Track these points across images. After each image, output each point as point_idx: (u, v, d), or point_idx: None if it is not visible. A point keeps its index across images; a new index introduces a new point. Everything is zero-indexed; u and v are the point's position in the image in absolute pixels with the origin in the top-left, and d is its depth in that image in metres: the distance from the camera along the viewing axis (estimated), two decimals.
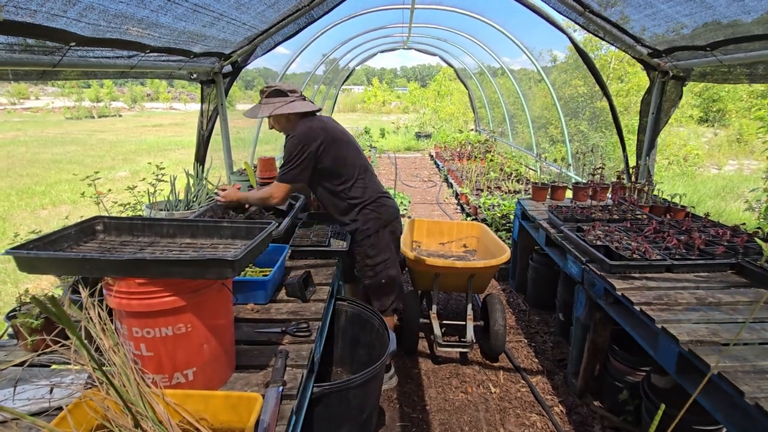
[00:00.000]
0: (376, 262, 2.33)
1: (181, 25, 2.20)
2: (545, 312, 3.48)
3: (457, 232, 3.56)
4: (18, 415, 0.73)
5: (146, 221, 1.39)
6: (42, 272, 1.10)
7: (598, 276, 2.10)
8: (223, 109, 3.41)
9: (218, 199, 2.31)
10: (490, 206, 5.07)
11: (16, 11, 1.39)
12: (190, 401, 1.07)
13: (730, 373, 1.33)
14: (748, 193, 6.55)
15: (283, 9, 2.80)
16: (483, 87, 11.18)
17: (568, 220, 2.76)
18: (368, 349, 2.03)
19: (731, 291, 1.90)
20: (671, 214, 2.95)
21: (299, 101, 2.17)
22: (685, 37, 2.64)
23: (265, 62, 7.27)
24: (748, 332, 1.55)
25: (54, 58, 1.79)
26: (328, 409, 1.53)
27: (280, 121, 2.22)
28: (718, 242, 2.25)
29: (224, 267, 1.06)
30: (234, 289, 1.70)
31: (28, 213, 6.79)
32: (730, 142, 12.30)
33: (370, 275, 2.35)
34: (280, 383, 1.21)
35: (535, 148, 7.85)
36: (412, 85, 23.36)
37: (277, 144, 7.68)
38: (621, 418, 2.26)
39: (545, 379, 2.69)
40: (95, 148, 13.63)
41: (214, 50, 2.91)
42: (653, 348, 1.72)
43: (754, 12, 2.06)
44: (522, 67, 8.24)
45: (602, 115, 8.53)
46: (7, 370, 1.30)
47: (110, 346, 1.03)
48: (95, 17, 1.68)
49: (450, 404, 2.47)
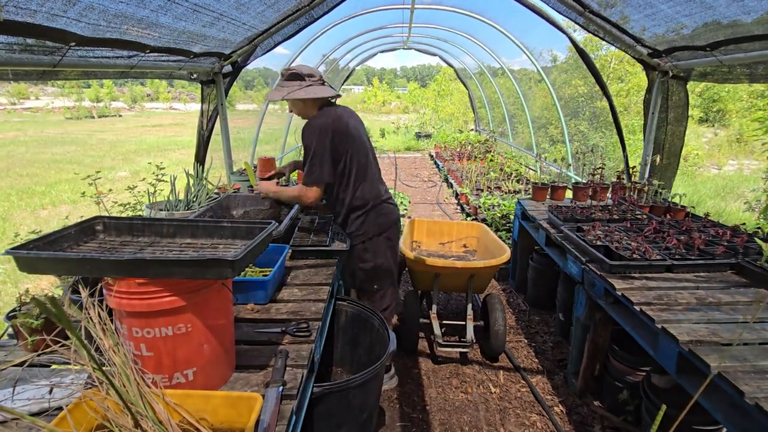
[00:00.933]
0: (368, 267, 2.29)
1: (181, 25, 2.20)
2: (545, 312, 3.48)
3: (457, 232, 3.56)
4: (18, 415, 0.73)
5: (146, 221, 1.39)
6: (42, 272, 1.10)
7: (598, 276, 2.10)
8: (223, 109, 3.41)
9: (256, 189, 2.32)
10: (490, 206, 5.07)
11: (16, 11, 1.39)
12: (190, 401, 1.06)
13: (730, 373, 1.33)
14: (748, 193, 6.56)
15: (283, 9, 2.81)
16: (483, 87, 11.18)
17: (568, 220, 2.76)
18: (368, 349, 2.03)
19: (731, 291, 1.90)
20: (671, 214, 2.95)
21: (316, 86, 2.10)
22: (685, 37, 2.64)
23: (265, 62, 7.29)
24: (748, 332, 1.55)
25: (54, 58, 1.79)
26: (329, 409, 1.53)
27: (297, 105, 2.17)
28: (718, 242, 2.25)
29: (224, 267, 1.06)
30: (234, 288, 1.70)
31: (28, 213, 6.79)
32: (730, 142, 12.30)
33: (362, 279, 2.32)
34: (280, 383, 1.21)
35: (535, 148, 7.85)
36: (412, 85, 23.37)
37: (276, 144, 7.68)
38: (621, 418, 2.26)
39: (545, 379, 2.69)
40: (95, 148, 13.64)
41: (214, 50, 2.91)
42: (653, 348, 1.72)
43: (754, 12, 2.06)
44: (522, 67, 8.24)
45: (602, 115, 8.53)
46: (7, 370, 1.29)
47: (110, 346, 1.03)
48: (95, 17, 1.68)
49: (450, 404, 2.47)
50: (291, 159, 8.47)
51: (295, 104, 2.17)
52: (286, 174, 2.55)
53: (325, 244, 2.26)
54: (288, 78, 2.10)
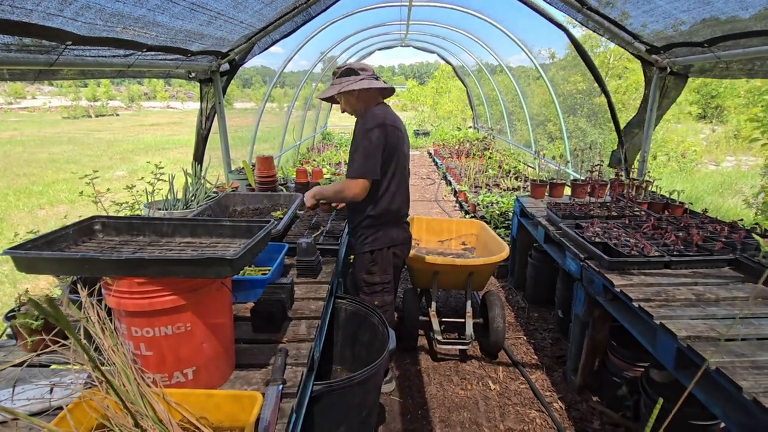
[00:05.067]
0: (374, 281, 2.20)
1: (178, 24, 2.19)
2: (544, 309, 3.49)
3: (456, 230, 3.57)
4: (18, 415, 0.73)
5: (145, 220, 1.39)
6: (40, 272, 1.10)
7: (597, 273, 2.11)
8: (221, 108, 3.40)
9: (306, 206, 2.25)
10: (489, 204, 5.07)
11: (12, 10, 1.38)
12: (190, 400, 1.07)
13: (729, 369, 1.34)
14: (746, 190, 6.57)
15: (281, 7, 2.80)
16: (481, 84, 11.17)
17: (567, 217, 2.76)
18: (368, 346, 2.03)
19: (729, 287, 1.91)
20: (669, 211, 2.96)
21: (369, 79, 2.03)
22: (684, 33, 2.64)
23: (263, 60, 7.28)
24: (747, 327, 1.56)
25: (50, 58, 1.78)
26: (329, 407, 1.53)
27: (350, 102, 2.08)
28: (716, 238, 2.25)
29: (223, 266, 1.06)
30: (233, 287, 1.70)
31: (25, 213, 6.77)
32: (728, 139, 12.32)
33: (366, 292, 2.24)
34: (279, 382, 1.22)
35: (534, 145, 7.85)
36: (410, 83, 23.28)
37: (275, 142, 7.67)
38: (620, 414, 2.27)
39: (544, 376, 2.70)
40: (92, 148, 13.59)
41: (211, 48, 2.90)
42: (652, 344, 1.72)
43: (751, 8, 2.06)
44: (520, 64, 8.23)
45: (601, 112, 8.53)
46: (6, 370, 1.29)
47: (110, 345, 1.03)
48: (91, 16, 1.67)
49: (449, 401, 2.48)
50: (290, 157, 8.46)
51: (348, 101, 2.08)
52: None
53: (324, 242, 2.26)
54: (341, 75, 2.06)
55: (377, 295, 2.22)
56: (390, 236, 2.18)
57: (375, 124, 1.98)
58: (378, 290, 2.22)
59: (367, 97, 2.08)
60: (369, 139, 1.96)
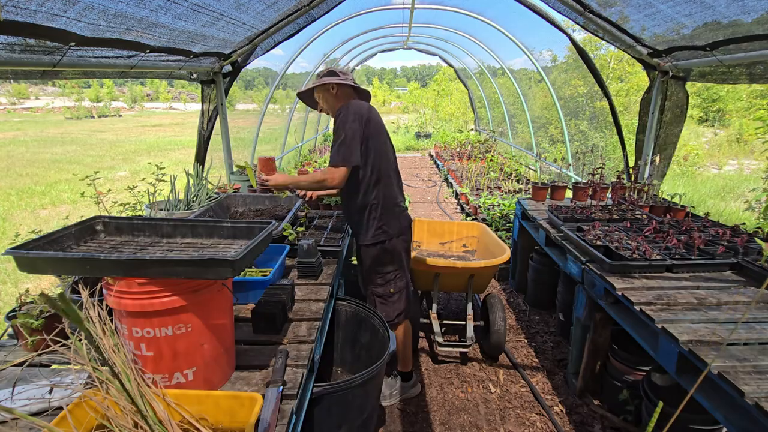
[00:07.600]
0: (387, 271, 2.22)
1: (180, 25, 2.20)
2: (545, 312, 3.48)
3: (457, 232, 3.56)
4: (18, 415, 0.73)
5: (146, 221, 1.39)
6: (42, 272, 1.10)
7: (598, 276, 2.10)
8: (223, 109, 3.41)
9: (264, 179, 2.23)
10: (490, 206, 5.07)
11: (16, 11, 1.39)
12: (190, 401, 1.07)
13: (731, 373, 1.33)
14: (748, 193, 6.55)
15: (283, 9, 2.80)
16: (483, 87, 11.17)
17: (568, 219, 2.76)
18: (368, 348, 2.03)
19: (731, 291, 1.90)
20: (671, 214, 2.95)
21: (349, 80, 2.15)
22: (685, 37, 2.64)
23: (265, 62, 7.27)
24: (749, 332, 1.55)
25: (54, 58, 1.79)
26: (329, 409, 1.53)
27: (328, 100, 2.16)
28: (718, 242, 2.25)
29: (224, 267, 1.06)
30: (234, 289, 1.70)
31: (28, 213, 6.79)
32: (729, 142, 12.29)
33: (379, 283, 2.24)
34: (280, 383, 1.21)
35: (535, 147, 7.84)
36: (412, 85, 23.35)
37: (276, 144, 7.68)
38: (621, 418, 2.26)
39: (545, 379, 2.69)
40: (95, 148, 13.63)
41: (213, 50, 2.91)
42: (653, 348, 1.72)
43: (753, 12, 2.06)
44: (522, 67, 8.23)
45: (602, 115, 8.52)
46: (7, 370, 1.30)
47: (110, 345, 1.03)
48: (95, 17, 1.68)
49: (450, 403, 2.47)
50: (291, 158, 8.47)
51: (326, 99, 2.16)
52: None
53: (325, 243, 2.26)
54: (324, 75, 2.15)
55: (391, 283, 2.25)
56: (395, 225, 2.21)
57: (350, 113, 2.03)
58: (391, 278, 2.24)
59: (343, 96, 2.15)
60: (344, 128, 2.01)
